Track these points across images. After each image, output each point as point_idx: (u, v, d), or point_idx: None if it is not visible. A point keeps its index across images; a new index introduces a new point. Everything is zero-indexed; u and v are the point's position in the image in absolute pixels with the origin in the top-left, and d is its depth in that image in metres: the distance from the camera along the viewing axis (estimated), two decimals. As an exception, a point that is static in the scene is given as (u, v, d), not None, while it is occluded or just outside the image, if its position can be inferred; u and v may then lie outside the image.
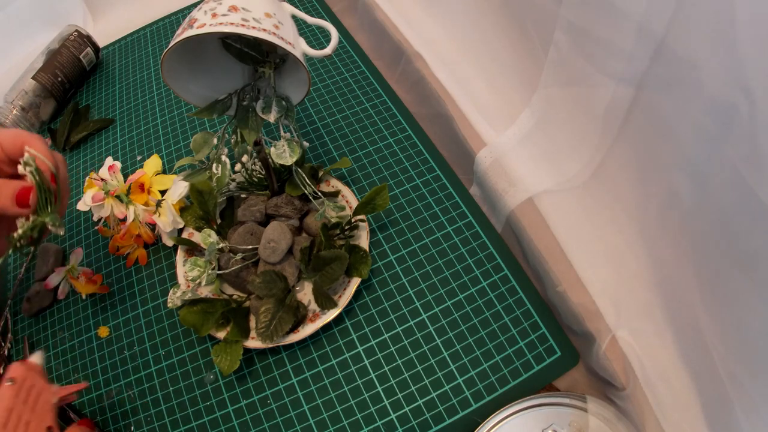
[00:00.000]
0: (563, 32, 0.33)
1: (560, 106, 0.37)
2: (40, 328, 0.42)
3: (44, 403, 0.27)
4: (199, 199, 0.39)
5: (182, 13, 0.64)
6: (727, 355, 0.26)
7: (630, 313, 0.33)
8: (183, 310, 0.36)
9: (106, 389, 0.38)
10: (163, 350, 0.39)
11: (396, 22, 0.51)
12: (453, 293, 0.38)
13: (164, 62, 0.31)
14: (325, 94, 0.51)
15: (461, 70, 0.47)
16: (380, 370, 0.36)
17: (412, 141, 0.46)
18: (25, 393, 0.27)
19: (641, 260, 0.34)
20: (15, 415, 0.26)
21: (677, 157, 0.28)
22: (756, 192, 0.22)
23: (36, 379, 0.28)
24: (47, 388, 0.28)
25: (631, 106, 0.31)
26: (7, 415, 0.25)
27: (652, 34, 0.26)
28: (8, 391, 0.26)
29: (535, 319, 0.37)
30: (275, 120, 0.35)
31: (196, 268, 0.35)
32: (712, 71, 0.24)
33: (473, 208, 0.42)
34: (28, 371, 0.28)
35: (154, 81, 0.57)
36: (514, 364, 0.35)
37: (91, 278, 0.42)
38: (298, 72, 0.34)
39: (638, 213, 0.33)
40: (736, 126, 0.23)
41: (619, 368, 0.32)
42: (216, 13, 0.29)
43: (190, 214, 0.41)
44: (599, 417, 0.31)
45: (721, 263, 0.26)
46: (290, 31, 0.31)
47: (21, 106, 0.54)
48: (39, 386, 0.27)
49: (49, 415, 0.27)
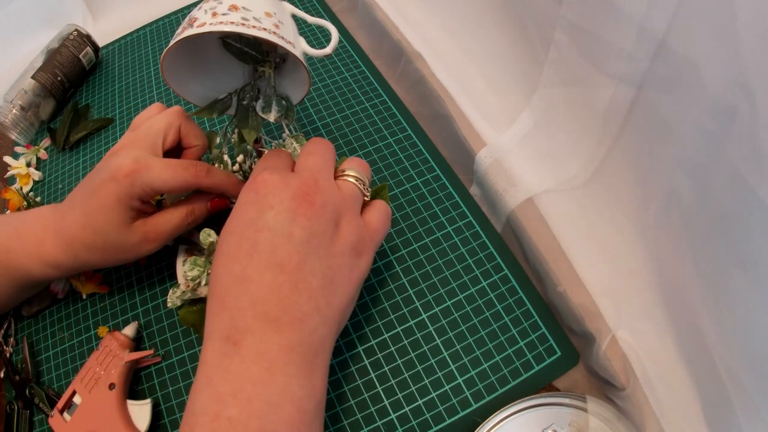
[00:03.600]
0: (563, 32, 0.33)
1: (560, 106, 0.37)
2: (39, 328, 0.42)
3: (114, 366, 0.36)
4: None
5: (182, 12, 0.64)
6: (727, 355, 0.26)
7: (630, 313, 0.33)
8: (183, 310, 0.36)
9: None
10: (162, 350, 0.39)
11: (396, 22, 0.51)
12: (453, 293, 0.38)
13: (164, 61, 0.31)
14: (325, 93, 0.51)
15: (461, 70, 0.47)
16: (380, 370, 0.36)
17: (412, 141, 0.46)
18: (103, 356, 0.36)
19: (641, 260, 0.34)
20: (91, 372, 0.36)
21: (677, 157, 0.28)
22: (756, 192, 0.22)
23: (115, 346, 0.36)
24: (119, 355, 0.36)
25: (631, 106, 0.31)
26: (85, 372, 0.36)
27: (652, 34, 0.26)
28: (93, 354, 0.37)
29: (535, 319, 0.37)
30: (275, 119, 0.35)
31: (196, 268, 0.35)
32: (713, 71, 0.24)
33: (473, 208, 0.42)
34: (112, 341, 0.37)
35: (153, 80, 0.57)
36: (514, 364, 0.35)
37: (91, 277, 0.42)
38: (298, 71, 0.34)
39: (638, 213, 0.33)
40: (737, 126, 0.23)
41: (619, 368, 0.32)
42: (216, 12, 0.29)
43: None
44: (599, 417, 0.31)
45: (721, 263, 0.26)
46: (290, 31, 0.31)
47: (20, 105, 0.54)
48: (114, 352, 0.36)
49: (114, 375, 0.35)
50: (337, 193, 0.30)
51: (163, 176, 0.32)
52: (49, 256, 0.35)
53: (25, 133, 0.55)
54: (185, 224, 0.36)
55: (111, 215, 0.32)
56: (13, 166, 0.53)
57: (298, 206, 0.27)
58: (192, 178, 0.33)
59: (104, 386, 0.35)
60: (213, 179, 0.35)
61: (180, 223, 0.35)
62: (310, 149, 0.31)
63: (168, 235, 0.35)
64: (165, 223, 0.35)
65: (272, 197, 0.27)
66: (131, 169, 0.32)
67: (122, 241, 0.34)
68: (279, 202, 0.27)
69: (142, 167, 0.32)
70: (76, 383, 0.35)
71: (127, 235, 0.33)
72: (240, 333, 0.25)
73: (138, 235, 0.34)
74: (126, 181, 0.32)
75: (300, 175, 0.29)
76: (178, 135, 0.36)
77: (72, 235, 0.34)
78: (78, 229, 0.33)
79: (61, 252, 0.34)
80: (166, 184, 0.33)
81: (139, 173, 0.32)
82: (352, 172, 0.32)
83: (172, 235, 0.36)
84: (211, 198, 0.37)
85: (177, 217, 0.35)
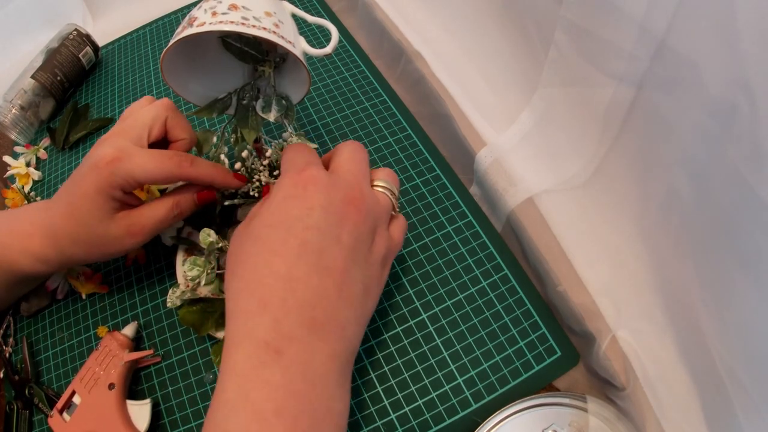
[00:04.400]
0: (563, 32, 0.33)
1: (560, 105, 0.37)
2: (39, 328, 0.42)
3: (113, 366, 0.36)
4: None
5: (182, 12, 0.64)
6: (727, 355, 0.26)
7: (630, 313, 0.33)
8: (182, 310, 0.36)
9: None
10: (162, 350, 0.39)
11: (396, 22, 0.51)
12: (453, 293, 0.38)
13: (164, 61, 0.31)
14: (325, 93, 0.51)
15: (461, 70, 0.47)
16: (380, 370, 0.36)
17: (412, 141, 0.46)
18: (102, 356, 0.36)
19: (641, 260, 0.34)
20: (90, 371, 0.36)
21: (677, 157, 0.28)
22: (756, 192, 0.22)
23: (114, 346, 0.36)
24: (119, 355, 0.36)
25: (631, 106, 0.31)
26: (85, 372, 0.36)
27: (652, 34, 0.26)
28: (93, 354, 0.37)
29: (535, 319, 0.37)
30: (275, 119, 0.35)
31: (196, 268, 0.35)
32: (713, 71, 0.24)
33: (473, 208, 0.42)
34: (111, 341, 0.37)
35: (153, 80, 0.57)
36: (514, 364, 0.35)
37: (91, 277, 0.42)
38: (298, 71, 0.34)
39: (638, 213, 0.33)
40: (737, 126, 0.23)
41: (619, 368, 0.32)
42: (216, 12, 0.29)
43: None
44: (599, 417, 0.31)
45: (721, 263, 0.26)
46: (290, 30, 0.31)
47: (20, 105, 0.54)
48: (114, 352, 0.36)
49: (114, 375, 0.35)
50: (377, 204, 0.29)
51: (145, 166, 0.31)
52: (37, 250, 0.34)
53: (24, 132, 0.55)
54: (170, 217, 0.34)
55: (92, 205, 0.32)
56: (12, 165, 0.53)
57: (347, 211, 0.26)
58: (175, 168, 0.32)
59: (104, 386, 0.35)
60: (198, 169, 0.33)
61: (165, 216, 0.34)
62: (350, 155, 0.30)
63: (152, 229, 0.34)
64: (149, 216, 0.33)
65: (322, 196, 0.26)
66: (112, 158, 0.31)
67: (105, 233, 0.33)
68: (329, 203, 0.26)
69: (123, 156, 0.31)
70: (76, 383, 0.35)
71: (110, 227, 0.32)
72: (284, 340, 0.24)
73: (121, 227, 0.33)
74: (107, 170, 0.31)
75: (346, 179, 0.28)
76: (164, 127, 0.35)
77: (57, 228, 0.33)
78: (62, 220, 0.33)
79: (47, 246, 0.34)
80: (149, 174, 0.31)
81: (120, 162, 0.31)
82: (386, 184, 0.31)
83: (157, 229, 0.34)
84: (198, 190, 0.35)
85: (161, 210, 0.34)
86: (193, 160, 0.33)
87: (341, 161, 0.30)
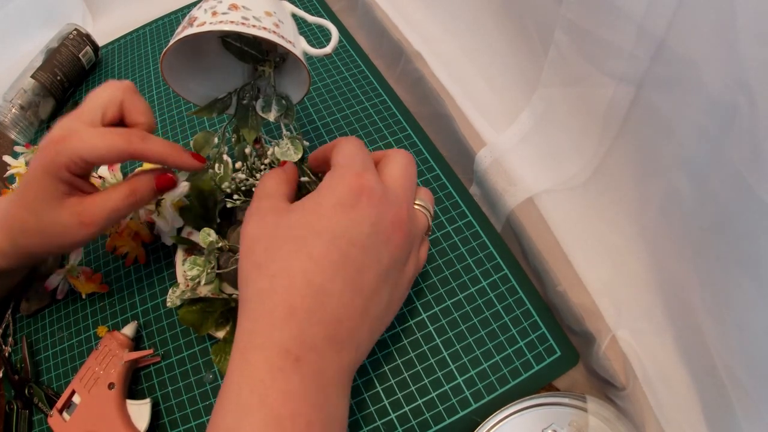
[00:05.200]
0: (563, 32, 0.33)
1: (560, 105, 0.37)
2: (38, 328, 0.42)
3: (113, 366, 0.36)
4: (199, 198, 0.39)
5: (182, 11, 0.64)
6: (727, 355, 0.26)
7: (630, 313, 0.33)
8: (182, 310, 0.36)
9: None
10: (161, 350, 0.39)
11: (396, 22, 0.51)
12: (453, 293, 0.38)
13: (164, 61, 0.31)
14: (325, 93, 0.51)
15: (461, 70, 0.47)
16: (380, 370, 0.36)
17: (412, 140, 0.46)
18: (102, 356, 0.36)
19: (641, 260, 0.34)
20: (90, 371, 0.36)
21: (677, 157, 0.28)
22: (756, 192, 0.22)
23: (114, 346, 0.37)
24: (118, 355, 0.36)
25: (631, 106, 0.31)
26: (84, 371, 0.36)
27: (652, 34, 0.26)
28: (92, 354, 0.37)
29: (535, 319, 0.37)
30: (275, 119, 0.35)
31: (196, 267, 0.35)
32: (713, 71, 0.24)
33: (473, 208, 0.42)
34: (111, 340, 0.37)
35: (153, 80, 0.57)
36: (514, 363, 0.35)
37: (91, 277, 0.42)
38: (298, 71, 0.34)
39: (638, 213, 0.33)
40: (736, 126, 0.23)
41: (619, 368, 0.32)
42: (216, 12, 0.29)
43: (189, 213, 0.40)
44: (599, 417, 0.31)
45: (721, 263, 0.26)
46: (290, 30, 0.31)
47: (20, 104, 0.54)
48: (113, 352, 0.36)
49: (113, 374, 0.35)
50: (416, 226, 0.29)
51: (91, 141, 0.29)
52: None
53: (24, 132, 0.55)
54: (126, 205, 0.32)
55: (38, 188, 0.30)
56: (12, 165, 0.52)
57: (393, 231, 0.26)
58: (125, 144, 0.30)
59: (103, 386, 0.35)
60: (150, 145, 0.31)
61: (119, 204, 0.32)
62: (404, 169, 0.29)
63: (106, 218, 0.32)
64: (102, 203, 0.32)
65: (374, 212, 0.25)
66: (58, 138, 0.30)
67: (54, 221, 0.31)
68: (378, 220, 0.25)
69: (69, 135, 0.30)
70: (76, 383, 0.36)
71: (60, 214, 0.31)
72: (304, 349, 0.24)
73: (73, 215, 0.31)
74: (52, 150, 0.29)
75: (397, 196, 0.27)
76: (119, 110, 0.33)
77: (9, 216, 0.32)
78: (12, 208, 0.32)
79: (3, 238, 0.33)
80: (96, 151, 0.30)
81: (66, 141, 0.29)
82: (426, 205, 0.30)
83: (112, 219, 0.32)
84: (157, 174, 0.34)
85: (115, 198, 0.32)
86: (145, 136, 0.31)
87: (395, 173, 0.28)
